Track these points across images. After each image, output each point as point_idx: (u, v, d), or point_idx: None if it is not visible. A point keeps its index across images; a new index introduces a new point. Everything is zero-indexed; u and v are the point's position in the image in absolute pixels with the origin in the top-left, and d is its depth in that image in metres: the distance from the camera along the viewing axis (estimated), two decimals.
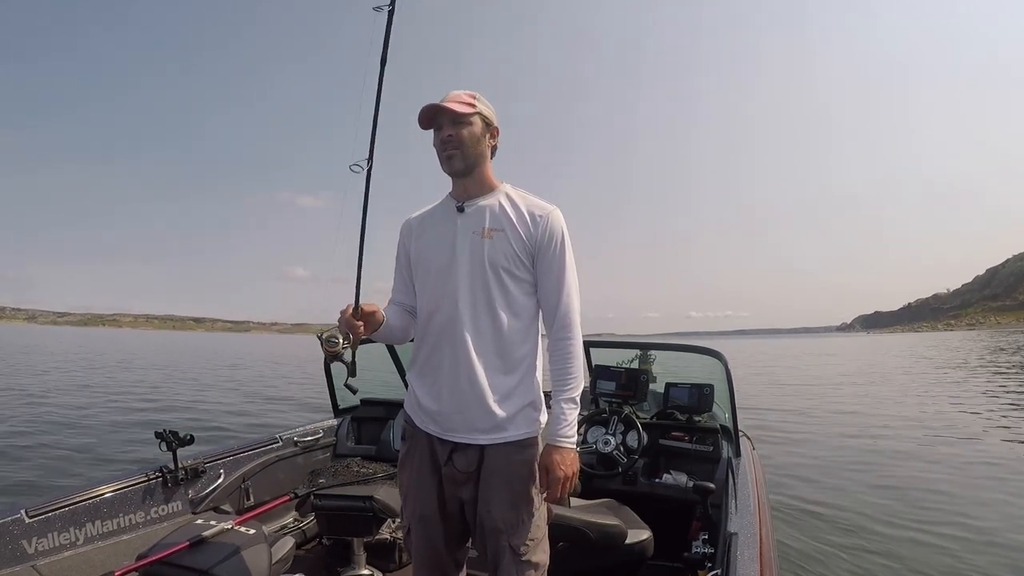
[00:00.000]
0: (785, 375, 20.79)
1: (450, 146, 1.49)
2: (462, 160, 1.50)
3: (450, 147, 1.49)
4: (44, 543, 1.97)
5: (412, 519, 1.57)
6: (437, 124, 1.51)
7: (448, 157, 1.50)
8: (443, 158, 1.51)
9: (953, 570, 3.76)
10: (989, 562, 3.86)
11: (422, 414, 1.55)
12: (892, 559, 3.90)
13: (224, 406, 11.21)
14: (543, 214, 1.51)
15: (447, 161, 1.51)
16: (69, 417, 8.94)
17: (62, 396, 11.37)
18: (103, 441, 7.36)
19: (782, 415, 10.41)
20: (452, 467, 1.50)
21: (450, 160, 1.50)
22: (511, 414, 1.48)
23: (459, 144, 1.49)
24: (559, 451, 1.46)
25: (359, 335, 1.48)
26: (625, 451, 2.87)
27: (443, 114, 1.49)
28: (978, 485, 5.79)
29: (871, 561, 3.86)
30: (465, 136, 1.49)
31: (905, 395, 13.81)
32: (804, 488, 5.54)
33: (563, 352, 1.51)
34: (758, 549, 1.72)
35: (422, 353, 1.56)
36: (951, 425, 9.41)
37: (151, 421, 8.34)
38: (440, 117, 1.50)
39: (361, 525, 2.47)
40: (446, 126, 1.49)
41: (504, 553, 1.46)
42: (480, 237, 1.49)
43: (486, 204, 1.53)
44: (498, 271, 1.48)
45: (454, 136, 1.48)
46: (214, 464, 2.66)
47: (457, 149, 1.49)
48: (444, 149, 1.50)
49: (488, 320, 1.48)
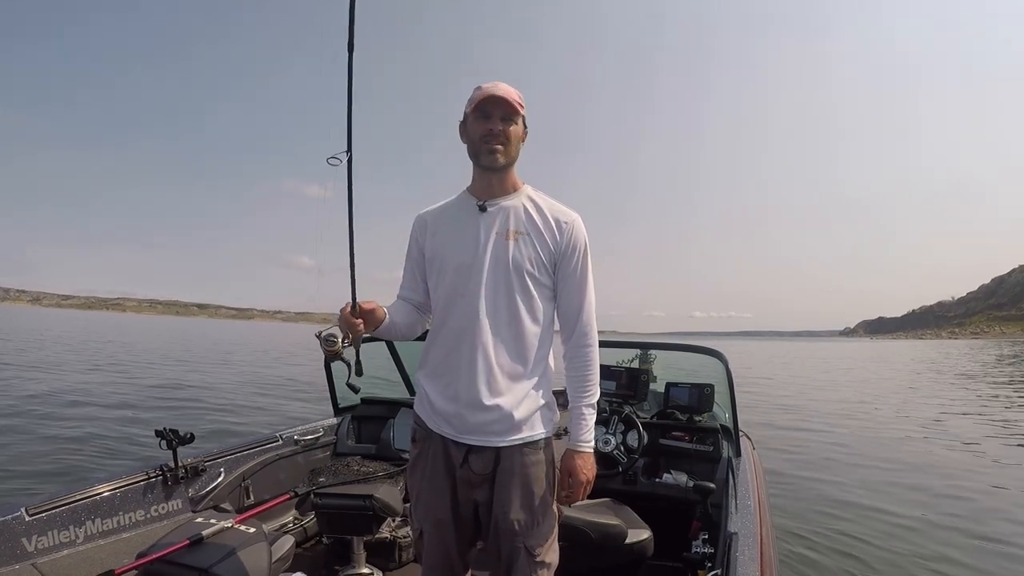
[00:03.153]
0: (787, 377, 20.78)
1: (498, 140, 1.46)
2: (504, 156, 1.47)
3: (497, 141, 1.46)
4: (44, 541, 1.97)
5: (425, 523, 1.55)
6: (486, 112, 1.46)
7: (492, 151, 1.46)
8: (485, 150, 1.47)
9: (953, 571, 3.76)
10: (989, 563, 3.86)
11: (436, 416, 1.52)
12: (893, 559, 3.89)
13: (224, 402, 11.22)
14: (568, 221, 1.50)
15: (490, 154, 1.46)
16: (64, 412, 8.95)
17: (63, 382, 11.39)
18: (102, 437, 7.37)
19: (782, 415, 10.41)
20: (468, 470, 1.48)
21: (493, 154, 1.46)
22: (527, 416, 1.47)
23: (507, 140, 1.47)
24: (580, 456, 1.49)
25: (359, 333, 1.47)
26: (625, 451, 2.87)
27: (499, 106, 1.46)
28: (979, 486, 5.79)
29: (872, 562, 3.86)
30: (512, 133, 1.47)
31: (908, 400, 13.79)
32: (805, 488, 5.54)
33: (582, 359, 1.52)
34: (758, 549, 1.72)
35: (437, 353, 1.53)
36: (955, 429, 9.40)
37: (151, 419, 8.35)
38: (494, 108, 1.46)
39: (361, 524, 2.47)
40: (497, 119, 1.46)
41: (519, 554, 1.46)
42: (504, 239, 1.47)
43: (509, 205, 1.51)
44: (522, 274, 1.46)
45: (504, 131, 1.46)
46: (214, 462, 2.66)
47: (503, 145, 1.46)
48: (490, 141, 1.46)
49: (508, 322, 1.47)
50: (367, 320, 1.49)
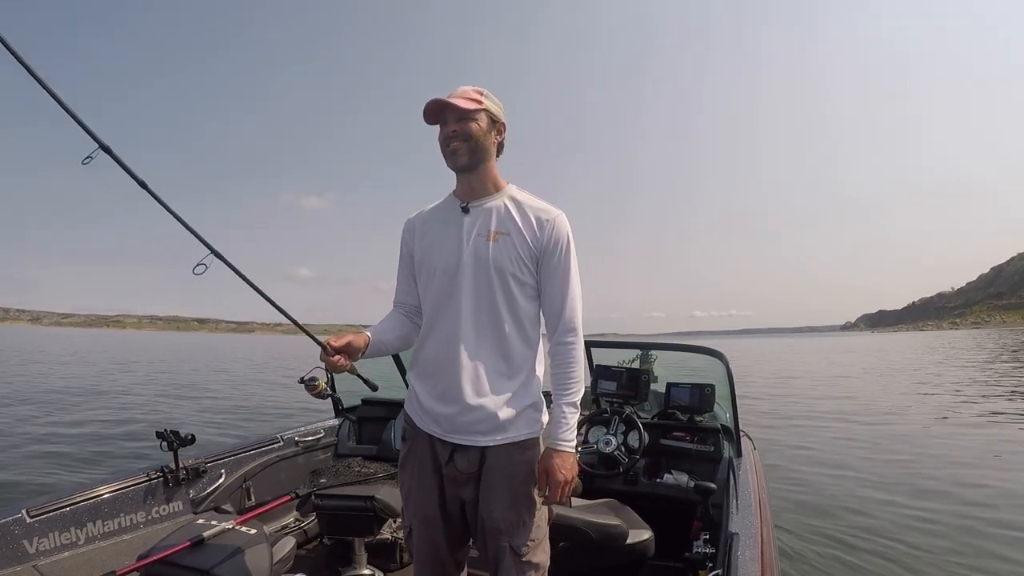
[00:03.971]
0: (789, 374, 20.76)
1: (455, 139, 1.46)
2: (467, 155, 1.47)
3: (455, 140, 1.46)
4: (45, 543, 1.97)
5: (414, 520, 1.57)
6: (443, 120, 1.48)
7: (452, 151, 1.47)
8: (447, 152, 1.49)
9: (954, 571, 3.75)
10: (990, 563, 3.85)
11: (423, 415, 1.54)
12: (893, 560, 3.89)
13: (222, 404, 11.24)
14: (549, 218, 1.49)
15: (451, 155, 1.48)
16: (71, 420, 8.97)
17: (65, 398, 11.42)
18: (103, 442, 7.38)
19: (783, 415, 10.40)
20: (453, 467, 1.50)
21: (454, 154, 1.48)
22: (512, 415, 1.48)
23: (466, 137, 1.46)
24: (559, 455, 1.46)
25: (341, 369, 1.49)
26: (626, 451, 2.87)
27: (449, 110, 1.46)
28: (979, 489, 5.77)
29: (872, 562, 3.85)
30: (471, 130, 1.46)
31: (911, 394, 13.77)
32: (805, 488, 5.53)
33: (565, 356, 1.50)
34: (759, 549, 1.72)
35: (425, 354, 1.55)
36: (959, 424, 9.38)
37: (153, 421, 8.37)
38: (446, 113, 1.47)
39: (362, 525, 2.47)
40: (451, 122, 1.47)
41: (505, 553, 1.46)
42: (486, 240, 1.48)
43: (492, 205, 1.51)
44: (503, 274, 1.47)
45: (459, 130, 1.46)
46: (215, 464, 2.66)
47: (463, 142, 1.46)
48: (448, 143, 1.48)
49: (491, 323, 1.48)
50: (347, 353, 1.49)
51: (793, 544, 4.04)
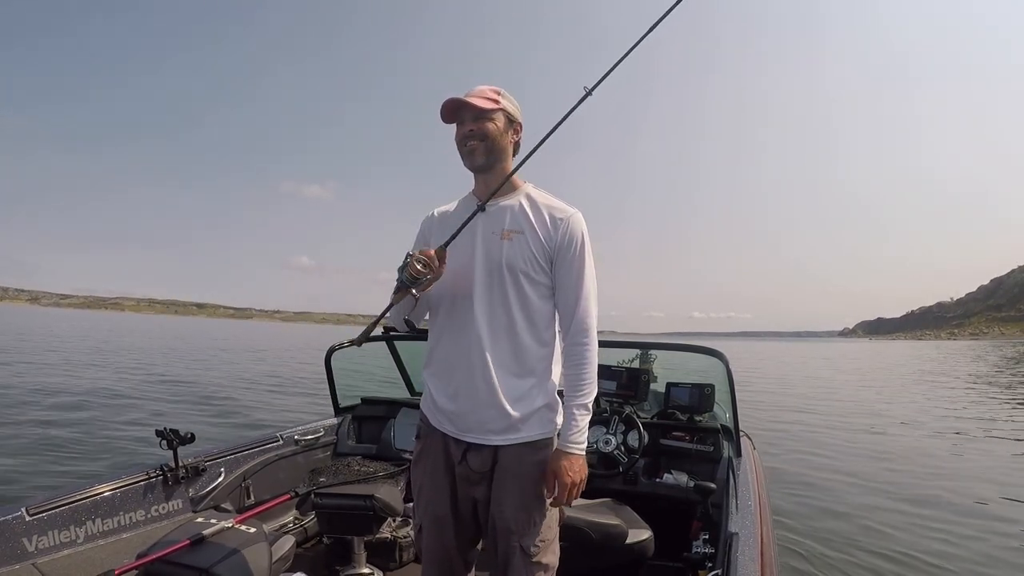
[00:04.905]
0: (787, 377, 20.77)
1: (472, 138, 1.47)
2: (484, 154, 1.48)
3: (472, 139, 1.47)
4: (44, 541, 1.97)
5: (425, 518, 1.57)
6: (459, 119, 1.49)
7: (470, 150, 1.48)
8: (464, 152, 1.49)
9: (954, 572, 3.75)
10: (990, 563, 3.85)
11: (438, 413, 1.54)
12: (893, 560, 3.89)
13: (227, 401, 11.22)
14: (563, 217, 1.49)
15: (468, 155, 1.49)
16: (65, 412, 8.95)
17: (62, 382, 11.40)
18: (100, 436, 7.37)
19: (784, 415, 10.40)
20: (466, 466, 1.49)
21: (471, 153, 1.48)
22: (525, 415, 1.47)
23: (482, 136, 1.47)
24: (568, 457, 1.44)
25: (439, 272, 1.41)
26: (626, 451, 2.86)
27: (466, 109, 1.47)
28: (979, 491, 5.78)
29: (872, 562, 3.85)
30: (488, 129, 1.47)
31: (910, 400, 13.78)
32: (805, 488, 5.53)
33: (578, 358, 1.48)
34: (759, 549, 1.72)
35: (439, 352, 1.55)
36: (958, 431, 9.39)
37: (155, 415, 8.36)
38: (463, 112, 1.48)
39: (362, 524, 2.47)
40: (468, 121, 1.47)
41: (515, 553, 1.46)
42: (499, 239, 1.48)
43: (507, 204, 1.51)
44: (516, 274, 1.46)
45: (476, 129, 1.46)
46: (215, 462, 2.66)
47: (480, 141, 1.47)
48: (465, 142, 1.48)
49: (504, 322, 1.47)
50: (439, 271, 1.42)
51: (793, 544, 4.04)
